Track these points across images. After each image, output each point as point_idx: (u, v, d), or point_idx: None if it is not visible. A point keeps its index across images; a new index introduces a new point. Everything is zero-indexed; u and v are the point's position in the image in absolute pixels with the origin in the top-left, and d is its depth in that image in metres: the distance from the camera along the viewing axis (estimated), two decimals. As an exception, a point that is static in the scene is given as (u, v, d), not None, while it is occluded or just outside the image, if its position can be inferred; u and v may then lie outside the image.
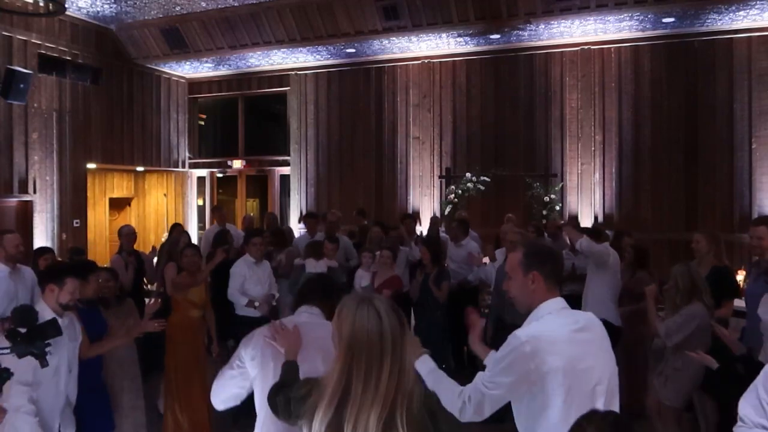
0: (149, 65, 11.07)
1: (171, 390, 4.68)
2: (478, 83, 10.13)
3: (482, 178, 9.44)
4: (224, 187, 12.86)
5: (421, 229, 9.30)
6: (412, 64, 10.51)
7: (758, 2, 7.51)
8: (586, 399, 1.98)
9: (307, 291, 2.52)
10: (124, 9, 9.31)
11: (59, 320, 3.14)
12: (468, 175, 9.58)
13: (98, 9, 9.29)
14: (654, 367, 4.18)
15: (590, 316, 2.20)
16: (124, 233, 6.58)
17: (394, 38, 9.34)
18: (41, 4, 7.62)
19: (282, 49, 10.02)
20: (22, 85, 8.17)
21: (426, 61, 10.37)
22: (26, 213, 9.01)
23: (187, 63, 11.00)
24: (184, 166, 12.28)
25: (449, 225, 8.00)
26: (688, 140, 8.91)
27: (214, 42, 9.94)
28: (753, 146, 8.53)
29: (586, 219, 9.34)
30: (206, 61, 10.88)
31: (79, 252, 6.72)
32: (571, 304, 6.17)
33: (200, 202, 12.57)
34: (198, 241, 10.89)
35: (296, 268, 6.56)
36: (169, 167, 11.92)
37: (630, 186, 9.25)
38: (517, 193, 9.53)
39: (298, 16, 9.20)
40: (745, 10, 7.78)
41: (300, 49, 9.97)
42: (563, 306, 2.10)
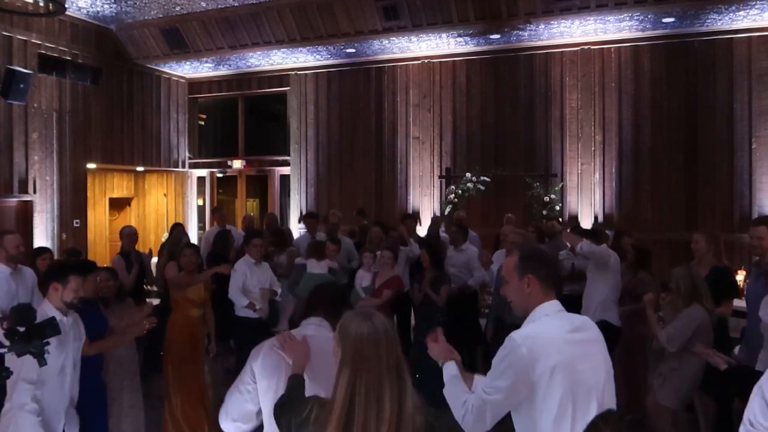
0: (149, 65, 11.07)
1: (170, 389, 4.67)
2: (478, 83, 10.13)
3: (482, 178, 9.45)
4: (224, 187, 12.85)
5: (421, 228, 9.29)
6: (412, 64, 10.51)
7: (758, 2, 7.52)
8: (584, 400, 1.99)
9: (316, 302, 2.36)
10: (124, 9, 9.31)
11: (64, 319, 3.14)
12: (468, 175, 9.58)
13: (98, 9, 9.30)
14: (654, 367, 4.18)
15: (586, 318, 2.22)
16: (125, 234, 6.57)
17: (394, 38, 9.34)
18: (41, 4, 7.62)
19: (282, 49, 10.02)
20: (22, 85, 8.18)
21: (426, 61, 10.37)
22: (26, 213, 9.01)
23: (187, 63, 11.01)
24: (184, 166, 12.28)
25: (449, 227, 7.98)
26: (688, 140, 8.92)
27: (214, 42, 9.95)
28: (753, 146, 8.53)
29: (586, 219, 9.34)
30: (206, 61, 10.89)
31: (76, 253, 6.70)
32: (572, 304, 6.15)
33: (200, 202, 12.57)
34: (198, 241, 10.89)
35: (296, 267, 6.56)
36: (169, 167, 11.92)
37: (630, 186, 9.26)
38: (517, 193, 9.53)
39: (298, 16, 9.20)
40: (745, 10, 7.79)
41: (300, 49, 9.98)
42: (559, 308, 2.12)
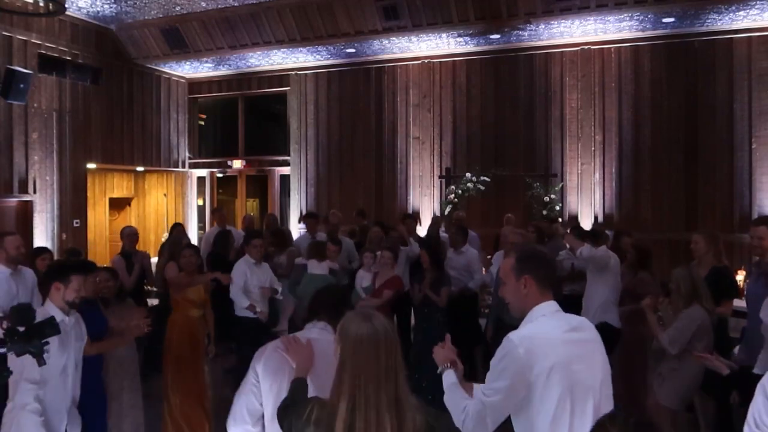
0: (149, 65, 11.07)
1: (169, 389, 4.67)
2: (478, 83, 10.13)
3: (482, 178, 9.45)
4: (224, 187, 12.85)
5: (421, 228, 9.29)
6: (412, 64, 10.51)
7: (758, 2, 7.51)
8: (581, 400, 1.99)
9: (318, 306, 2.36)
10: (124, 9, 9.31)
11: (66, 319, 3.14)
12: (468, 175, 9.58)
13: (98, 9, 9.30)
14: (654, 367, 4.18)
15: (583, 318, 2.23)
16: (126, 234, 6.57)
17: (394, 38, 9.34)
18: (41, 4, 7.61)
19: (282, 49, 10.02)
20: (22, 85, 8.18)
21: (426, 61, 10.37)
22: (26, 213, 9.01)
23: (187, 63, 11.00)
24: (184, 166, 12.28)
25: (448, 227, 7.98)
26: (688, 140, 8.91)
27: (214, 42, 9.94)
28: (753, 146, 8.53)
29: (586, 219, 9.34)
30: (206, 61, 10.88)
31: (76, 253, 6.70)
32: (572, 304, 6.13)
33: (200, 202, 12.56)
34: (198, 242, 10.89)
35: (297, 267, 6.55)
36: (169, 167, 11.92)
37: (630, 186, 9.25)
38: (517, 193, 9.53)
39: (298, 16, 9.20)
40: (745, 10, 7.79)
41: (300, 49, 9.97)
42: (556, 309, 2.12)
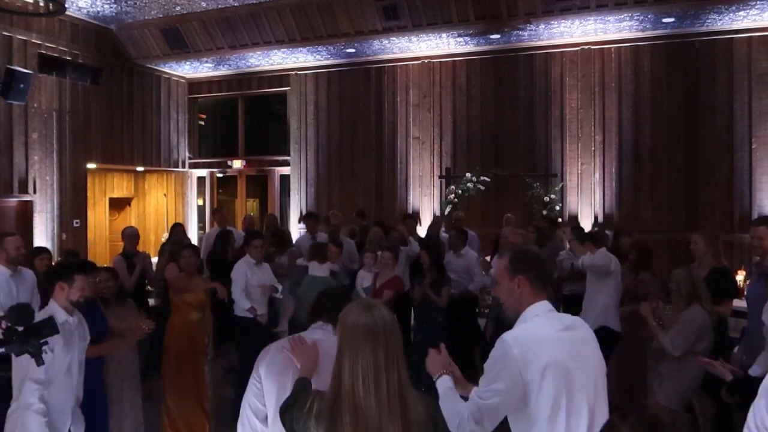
0: (149, 65, 11.07)
1: (168, 391, 4.67)
2: (478, 83, 10.13)
3: (482, 178, 9.45)
4: (224, 187, 12.85)
5: (422, 228, 9.30)
6: (412, 64, 10.51)
7: (758, 2, 7.52)
8: (576, 399, 2.00)
9: (322, 307, 2.34)
10: (124, 9, 9.31)
11: (69, 319, 3.15)
12: (468, 175, 9.58)
13: (98, 9, 9.29)
14: (654, 367, 4.18)
15: (577, 318, 2.25)
16: (127, 234, 6.57)
17: (394, 38, 9.34)
18: (41, 4, 7.62)
19: (282, 49, 10.02)
20: (22, 85, 8.18)
21: (426, 61, 10.37)
22: (26, 213, 9.01)
23: (187, 63, 11.00)
24: (184, 166, 12.28)
25: (448, 229, 7.98)
26: (688, 140, 8.92)
27: (214, 42, 9.94)
28: (753, 146, 8.53)
29: (586, 219, 9.34)
30: (206, 61, 10.88)
31: (74, 254, 6.73)
32: (572, 304, 6.09)
33: (200, 202, 12.57)
34: (198, 242, 10.89)
35: (298, 268, 6.55)
36: (169, 167, 11.92)
37: (630, 186, 9.26)
38: (517, 193, 9.53)
39: (298, 16, 9.20)
40: (745, 10, 7.79)
41: (300, 49, 9.97)
42: (550, 308, 2.14)
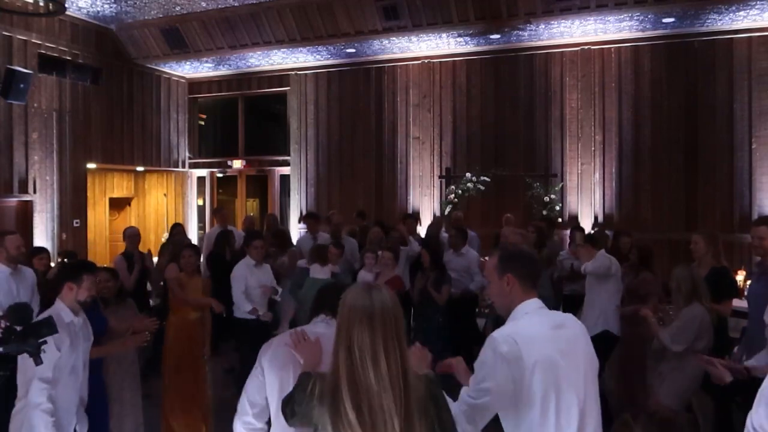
0: (149, 65, 11.07)
1: (168, 391, 4.67)
2: (478, 83, 10.13)
3: (482, 178, 9.45)
4: (224, 187, 12.85)
5: (422, 228, 9.30)
6: (412, 64, 10.51)
7: (758, 2, 7.51)
8: (566, 396, 1.99)
9: (324, 301, 2.37)
10: (124, 9, 9.31)
11: (75, 319, 3.15)
12: (468, 175, 9.58)
13: (98, 9, 9.29)
14: (654, 368, 4.18)
15: (568, 315, 2.25)
16: (127, 234, 6.59)
17: (394, 38, 9.34)
18: (41, 4, 7.62)
19: (282, 49, 10.01)
20: (22, 85, 8.18)
21: (426, 61, 10.37)
22: (26, 213, 9.01)
23: (187, 63, 11.00)
24: (184, 166, 12.28)
25: (448, 229, 7.98)
26: (688, 140, 8.91)
27: (214, 42, 9.94)
28: (753, 146, 8.53)
29: (586, 219, 9.34)
30: (206, 61, 10.88)
31: (72, 256, 6.74)
32: (572, 304, 6.08)
33: (200, 202, 12.57)
34: (198, 241, 10.89)
35: (298, 269, 6.55)
36: (169, 167, 11.92)
37: (630, 186, 9.25)
38: (517, 193, 9.53)
39: (298, 16, 9.20)
40: (745, 10, 7.79)
41: (300, 49, 9.97)
42: (540, 306, 2.14)
